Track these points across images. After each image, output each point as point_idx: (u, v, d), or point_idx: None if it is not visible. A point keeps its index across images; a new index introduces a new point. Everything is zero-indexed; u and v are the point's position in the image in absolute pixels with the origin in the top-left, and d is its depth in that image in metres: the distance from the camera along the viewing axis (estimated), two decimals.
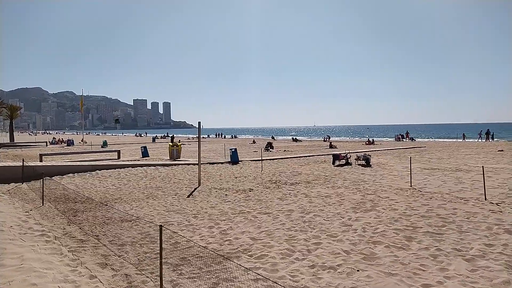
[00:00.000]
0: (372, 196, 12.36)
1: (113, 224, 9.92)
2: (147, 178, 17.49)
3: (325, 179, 16.41)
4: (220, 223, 9.62)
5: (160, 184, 16.14)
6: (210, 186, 15.49)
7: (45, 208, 11.93)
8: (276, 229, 8.87)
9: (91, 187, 15.54)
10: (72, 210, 11.62)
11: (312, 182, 15.66)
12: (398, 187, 14.05)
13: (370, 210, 10.43)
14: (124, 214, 10.79)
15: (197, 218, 10.32)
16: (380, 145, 45.41)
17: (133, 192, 14.38)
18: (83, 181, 16.83)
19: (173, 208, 11.67)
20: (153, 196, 13.56)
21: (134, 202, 12.75)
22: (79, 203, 12.55)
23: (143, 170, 19.46)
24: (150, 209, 11.65)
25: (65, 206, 12.23)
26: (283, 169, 20.12)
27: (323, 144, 53.29)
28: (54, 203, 12.70)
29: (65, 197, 13.48)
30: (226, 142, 61.07)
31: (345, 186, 14.41)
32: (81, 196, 13.50)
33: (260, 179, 16.79)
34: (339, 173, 18.03)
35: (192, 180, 17.14)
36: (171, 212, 11.10)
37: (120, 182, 16.59)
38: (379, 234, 8.18)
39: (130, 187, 15.41)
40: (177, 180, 16.98)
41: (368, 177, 16.73)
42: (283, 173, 18.49)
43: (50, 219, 10.51)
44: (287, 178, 16.82)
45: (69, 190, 14.65)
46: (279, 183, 15.64)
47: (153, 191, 14.50)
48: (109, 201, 12.98)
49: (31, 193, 14.49)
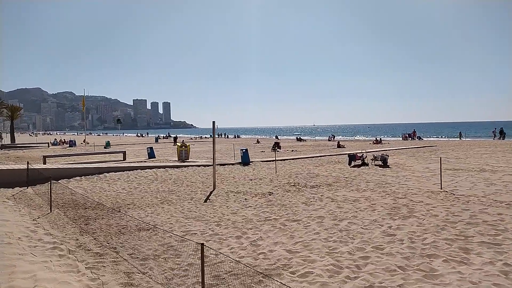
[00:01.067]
0: (405, 201, 11.52)
1: (129, 233, 9.08)
2: (158, 181, 16.65)
3: (346, 181, 15.57)
4: (248, 232, 8.78)
5: (173, 187, 15.30)
6: (225, 189, 14.66)
7: (53, 215, 11.09)
8: (312, 239, 8.04)
9: (100, 191, 14.70)
10: (83, 217, 10.78)
11: (333, 184, 14.83)
12: (428, 189, 13.22)
13: (409, 217, 9.59)
14: (140, 222, 9.96)
15: (220, 226, 9.48)
16: (388, 144, 44.57)
17: (145, 197, 13.54)
18: (91, 184, 15.99)
19: (191, 214, 10.84)
20: (167, 201, 12.72)
21: (148, 207, 11.91)
22: (89, 210, 11.71)
23: (153, 173, 18.62)
24: (167, 215, 10.82)
25: (75, 212, 11.40)
26: (298, 170, 19.29)
27: (328, 143, 52.44)
28: (63, 209, 11.87)
29: (74, 203, 12.65)
30: (230, 142, 60.23)
31: (371, 189, 13.57)
32: (91, 202, 12.66)
33: (277, 182, 15.95)
34: (358, 175, 17.19)
35: (205, 182, 16.30)
36: (191, 220, 10.26)
37: (130, 185, 15.74)
38: (430, 246, 7.34)
39: (142, 191, 14.57)
40: (189, 183, 16.14)
41: (391, 178, 15.90)
42: (300, 175, 17.66)
43: (60, 228, 9.68)
44: (306, 180, 15.99)
45: (78, 194, 13.82)
46: (298, 185, 14.80)
47: (167, 195, 13.67)
48: (121, 206, 12.15)
49: (37, 198, 13.66)
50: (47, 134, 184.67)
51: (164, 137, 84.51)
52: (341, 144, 40.49)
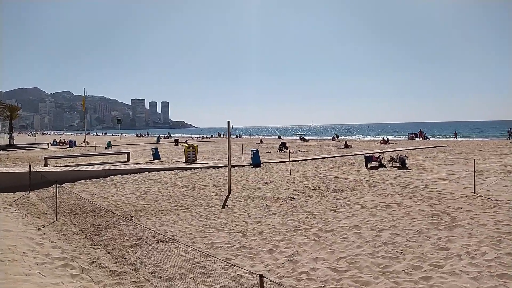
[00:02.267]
0: (442, 207, 10.60)
1: (147, 246, 8.15)
2: (168, 185, 15.70)
3: (369, 184, 14.66)
4: (279, 245, 7.85)
5: (185, 191, 14.36)
6: (242, 193, 13.73)
7: (60, 224, 10.15)
8: (356, 254, 7.11)
9: (108, 196, 13.76)
10: (92, 226, 9.84)
11: (356, 188, 13.91)
12: (461, 194, 12.31)
13: (455, 226, 8.68)
14: (157, 232, 9.02)
15: (246, 237, 8.56)
16: (396, 144, 43.70)
17: (157, 202, 12.61)
18: (98, 188, 15.03)
19: (211, 223, 9.90)
20: (182, 207, 11.79)
21: (162, 215, 10.97)
22: (98, 217, 10.77)
23: (162, 175, 17.67)
24: (184, 224, 9.89)
25: (83, 221, 10.46)
26: (313, 173, 18.37)
27: (333, 143, 51.57)
28: (70, 217, 10.92)
29: (81, 209, 11.70)
30: (233, 142, 59.31)
31: (399, 194, 12.66)
32: (99, 208, 11.72)
33: (295, 185, 15.03)
34: (379, 177, 16.27)
35: (219, 186, 15.37)
36: (211, 229, 9.33)
37: (139, 189, 14.80)
38: (495, 263, 6.42)
39: (152, 196, 13.63)
40: (202, 187, 15.20)
41: (416, 182, 14.98)
42: (317, 177, 16.74)
43: (69, 240, 8.74)
44: (325, 184, 15.07)
45: (84, 200, 12.87)
46: (319, 189, 13.88)
47: (180, 201, 12.74)
48: (133, 213, 11.21)
49: (40, 204, 12.71)
50: (45, 134, 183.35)
51: (164, 137, 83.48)
52: (349, 144, 39.59)
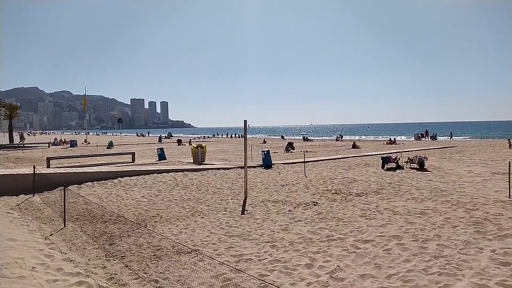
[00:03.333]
0: (480, 213, 9.84)
1: (167, 258, 7.36)
2: (180, 187, 14.90)
3: (393, 188, 13.88)
4: (316, 258, 7.06)
5: (198, 194, 13.57)
6: (259, 197, 12.94)
7: (68, 232, 9.36)
8: (408, 270, 6.32)
9: (117, 199, 12.95)
10: (104, 234, 9.05)
11: (381, 192, 13.13)
12: (495, 198, 11.54)
13: (504, 236, 7.90)
14: (176, 242, 8.23)
15: (276, 248, 7.77)
16: (403, 144, 42.97)
17: (171, 207, 11.81)
18: (106, 191, 14.22)
19: (233, 231, 9.11)
20: (198, 213, 10.99)
21: (178, 221, 10.18)
22: (110, 223, 9.97)
23: (171, 177, 16.85)
24: (204, 232, 9.10)
25: (94, 227, 9.66)
26: (329, 174, 17.58)
27: (337, 143, 50.81)
28: (79, 223, 10.12)
29: (91, 214, 10.90)
30: (236, 142, 58.52)
31: (429, 198, 11.88)
32: (109, 213, 10.92)
33: (313, 188, 14.24)
34: (401, 180, 15.49)
35: (233, 189, 14.58)
36: (235, 238, 8.54)
37: (149, 192, 14.00)
38: None
39: (165, 200, 12.83)
40: (215, 190, 14.41)
41: (442, 185, 14.20)
42: (334, 180, 15.95)
43: (80, 250, 7.95)
44: (345, 187, 14.28)
45: (93, 204, 12.06)
46: (342, 193, 13.10)
47: (195, 205, 11.94)
48: (146, 219, 10.41)
49: (46, 208, 11.90)
50: (44, 133, 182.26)
51: (165, 137, 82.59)
52: (357, 144, 38.82)
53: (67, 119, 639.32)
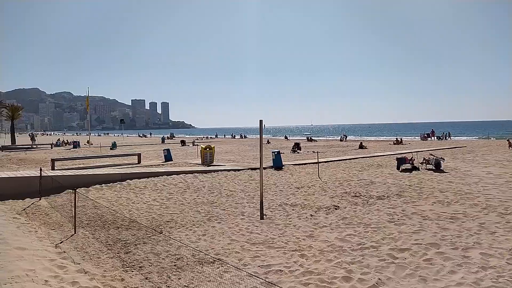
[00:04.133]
0: None
1: (189, 269, 6.81)
2: (191, 190, 14.35)
3: (414, 190, 13.33)
4: (353, 270, 6.50)
5: (211, 197, 13.02)
6: (276, 200, 12.39)
7: (79, 239, 8.81)
8: (458, 284, 5.77)
9: (128, 203, 12.40)
10: (118, 241, 8.50)
11: (403, 195, 12.57)
12: None
13: None
14: (197, 250, 7.68)
15: (306, 257, 7.21)
16: (409, 144, 42.43)
17: (185, 211, 11.25)
18: (115, 194, 13.67)
19: (255, 237, 8.56)
20: (215, 217, 10.44)
21: (195, 226, 9.63)
22: (123, 229, 9.43)
23: (181, 179, 16.29)
24: (225, 238, 8.54)
25: (106, 234, 9.12)
26: (343, 176, 17.02)
27: (342, 143, 50.28)
28: (90, 229, 9.58)
29: (101, 219, 10.35)
30: (240, 142, 58.04)
31: (456, 201, 11.31)
32: (121, 218, 10.38)
33: (331, 191, 13.68)
34: (420, 182, 14.92)
35: (247, 191, 14.04)
36: (259, 246, 7.99)
37: (160, 195, 13.45)
38: None
39: (177, 203, 12.28)
40: (229, 192, 13.86)
41: (464, 187, 13.64)
42: (351, 182, 15.39)
43: (94, 260, 7.40)
44: (364, 189, 13.73)
45: (103, 208, 11.52)
46: (362, 196, 12.54)
47: (210, 209, 11.39)
48: (161, 225, 9.86)
49: (53, 213, 11.35)
50: (46, 134, 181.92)
51: (167, 137, 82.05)
52: (364, 145, 38.26)
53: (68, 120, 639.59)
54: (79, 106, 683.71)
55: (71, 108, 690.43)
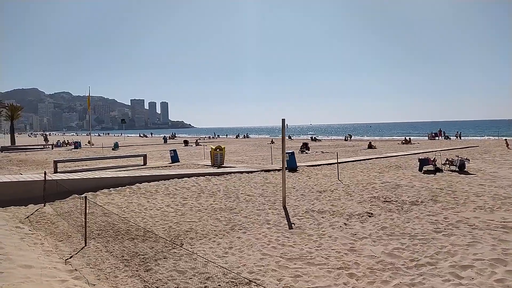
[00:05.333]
0: None
1: None
2: (206, 194, 13.39)
3: (447, 194, 12.38)
4: None
5: (229, 203, 12.06)
6: (300, 206, 11.44)
7: (91, 252, 7.86)
8: None
9: (140, 209, 11.44)
10: (136, 256, 7.55)
11: (438, 200, 11.63)
12: None
13: None
14: (226, 268, 6.73)
15: (355, 277, 6.27)
16: (418, 144, 41.49)
17: (203, 218, 10.30)
18: (125, 199, 12.71)
19: (290, 251, 7.61)
20: (238, 226, 9.49)
21: (218, 237, 8.68)
22: (139, 241, 8.47)
23: (194, 182, 15.33)
24: (255, 253, 7.59)
25: (121, 246, 8.16)
26: (364, 178, 16.07)
27: (347, 143, 49.34)
28: (102, 240, 8.62)
29: (113, 229, 9.40)
30: (243, 142, 57.07)
31: (498, 207, 10.37)
32: (135, 227, 9.42)
33: (357, 195, 12.74)
34: (450, 185, 13.96)
35: (265, 195, 13.09)
36: (297, 262, 7.04)
37: (174, 200, 12.49)
38: None
39: (194, 209, 11.33)
40: (247, 197, 12.90)
41: (500, 190, 12.70)
42: (374, 185, 14.45)
43: (111, 280, 6.45)
44: (393, 193, 12.79)
45: (113, 215, 10.56)
46: (393, 201, 11.59)
47: (230, 216, 10.44)
48: (180, 235, 8.91)
49: (60, 221, 10.39)
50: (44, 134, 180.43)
51: (169, 137, 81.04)
52: (373, 144, 37.32)
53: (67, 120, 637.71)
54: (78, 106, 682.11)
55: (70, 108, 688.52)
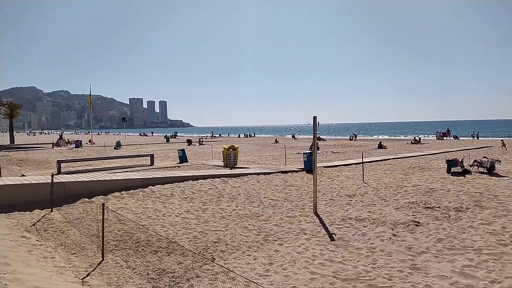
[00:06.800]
0: None
1: None
2: (226, 198, 12.33)
3: (490, 199, 11.35)
4: None
5: (254, 209, 11.00)
6: (334, 213, 10.39)
7: (111, 269, 6.80)
8: None
9: (157, 215, 10.38)
10: (163, 273, 6.50)
11: (483, 205, 10.59)
12: None
13: None
14: None
15: None
16: (428, 144, 40.51)
17: (230, 227, 9.24)
18: (139, 204, 11.63)
19: (342, 270, 6.56)
20: (272, 237, 8.45)
21: (252, 250, 7.64)
22: (163, 254, 7.42)
23: (210, 185, 14.26)
24: (301, 270, 6.55)
25: (144, 261, 7.11)
26: (391, 181, 15.04)
27: (353, 143, 48.38)
28: (120, 253, 7.56)
29: (132, 239, 8.34)
30: (247, 141, 56.01)
31: None
32: (156, 237, 8.37)
33: (392, 200, 11.70)
34: (487, 189, 12.94)
35: (291, 200, 12.05)
36: (356, 283, 6.04)
37: (193, 205, 11.43)
38: None
39: (216, 216, 10.27)
40: (271, 202, 11.84)
41: None
42: (406, 188, 13.43)
43: None
44: (431, 198, 11.75)
45: (129, 222, 9.49)
46: (437, 208, 10.54)
47: (260, 224, 9.39)
48: (208, 247, 7.86)
49: (70, 230, 9.32)
50: (44, 133, 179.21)
51: (171, 136, 79.87)
52: (383, 144, 36.32)
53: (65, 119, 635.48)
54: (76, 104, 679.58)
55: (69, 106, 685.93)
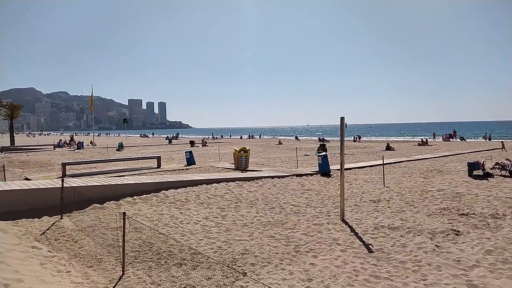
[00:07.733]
0: None
1: None
2: (244, 204, 11.69)
3: None
4: None
5: (276, 215, 10.36)
6: (364, 221, 9.76)
7: (134, 285, 6.18)
8: None
9: (175, 222, 9.73)
10: None
11: None
12: None
13: None
14: None
15: None
16: (436, 145, 39.92)
17: (255, 236, 8.60)
18: (154, 210, 10.97)
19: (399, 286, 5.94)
20: (303, 247, 7.81)
21: (285, 263, 7.00)
22: (189, 267, 6.78)
23: (225, 189, 13.61)
24: None
25: (168, 275, 6.47)
26: (413, 185, 14.44)
27: (357, 144, 47.79)
28: (142, 266, 6.92)
29: (151, 250, 7.69)
30: (250, 143, 55.35)
31: None
32: (177, 247, 7.72)
33: (421, 206, 11.07)
34: None
35: (313, 206, 11.41)
36: None
37: (211, 211, 10.78)
38: None
39: (238, 223, 9.62)
40: (293, 208, 11.21)
41: None
42: (432, 193, 12.81)
43: None
44: (461, 204, 11.13)
45: (146, 230, 8.84)
46: (472, 215, 9.91)
47: (286, 233, 8.76)
48: (236, 259, 7.23)
49: (84, 239, 8.66)
50: (43, 134, 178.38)
51: (172, 137, 79.20)
52: (391, 146, 35.73)
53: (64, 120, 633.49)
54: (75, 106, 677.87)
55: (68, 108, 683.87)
